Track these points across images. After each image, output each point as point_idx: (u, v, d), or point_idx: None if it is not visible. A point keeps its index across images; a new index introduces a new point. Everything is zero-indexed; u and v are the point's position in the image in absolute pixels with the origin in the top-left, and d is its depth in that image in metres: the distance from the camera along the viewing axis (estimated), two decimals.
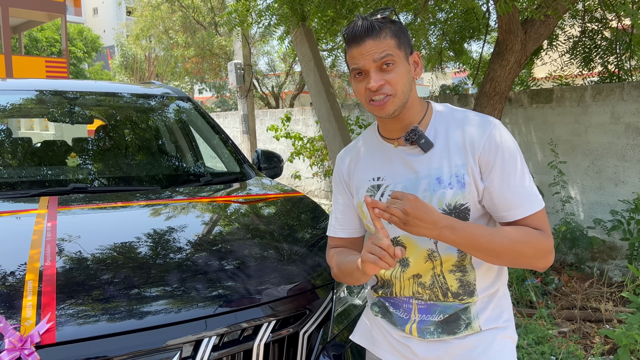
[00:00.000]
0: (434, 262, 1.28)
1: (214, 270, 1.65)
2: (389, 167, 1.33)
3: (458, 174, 1.24)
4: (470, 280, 1.28)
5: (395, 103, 1.24)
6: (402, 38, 1.26)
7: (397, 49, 1.23)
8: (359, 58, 1.23)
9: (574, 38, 5.83)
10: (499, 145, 1.23)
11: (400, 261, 1.32)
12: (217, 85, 17.68)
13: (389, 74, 1.22)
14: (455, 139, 1.27)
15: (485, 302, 1.31)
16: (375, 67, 1.22)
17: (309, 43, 5.55)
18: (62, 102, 2.93)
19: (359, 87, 1.26)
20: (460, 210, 1.25)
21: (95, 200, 2.17)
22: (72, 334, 1.29)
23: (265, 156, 3.13)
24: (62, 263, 1.55)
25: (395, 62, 1.23)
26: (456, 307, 1.29)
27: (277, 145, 9.82)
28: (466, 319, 1.29)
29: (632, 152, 4.62)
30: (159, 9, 14.93)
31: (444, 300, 1.29)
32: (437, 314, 1.29)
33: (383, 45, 1.22)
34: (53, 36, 26.83)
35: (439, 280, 1.29)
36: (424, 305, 1.31)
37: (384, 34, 1.22)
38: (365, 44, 1.22)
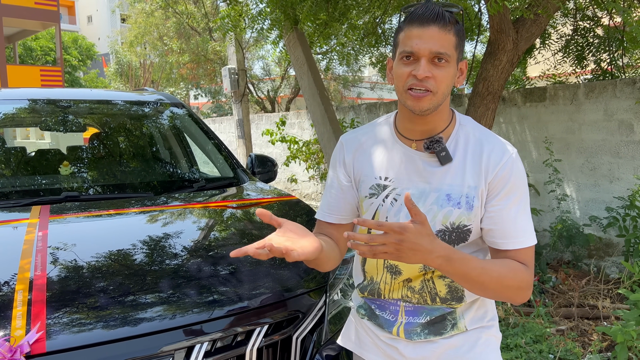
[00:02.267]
0: (426, 270, 1.26)
1: (206, 276, 1.64)
2: (400, 169, 1.27)
3: (469, 195, 1.22)
4: (459, 286, 1.27)
5: (432, 101, 1.17)
6: (461, 40, 1.20)
7: (454, 49, 1.18)
8: (416, 41, 1.15)
9: (567, 36, 5.86)
10: (511, 175, 1.21)
11: (390, 269, 1.29)
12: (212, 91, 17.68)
13: (438, 70, 1.16)
14: (472, 159, 1.24)
15: (470, 304, 1.31)
16: (428, 57, 1.15)
17: (302, 47, 5.56)
18: (55, 111, 2.93)
19: (403, 71, 1.18)
20: (462, 231, 1.23)
21: (88, 208, 2.17)
22: (63, 343, 1.29)
23: (259, 160, 3.13)
24: (53, 272, 1.54)
25: (448, 62, 1.17)
26: (443, 310, 1.28)
27: (273, 149, 9.82)
28: (452, 320, 1.29)
29: (626, 149, 4.63)
30: (153, 15, 14.93)
31: (432, 304, 1.28)
32: (424, 316, 1.28)
33: (445, 39, 1.15)
34: (47, 45, 26.84)
35: (428, 286, 1.27)
36: (411, 307, 1.29)
37: (449, 27, 1.16)
38: (429, 28, 1.14)
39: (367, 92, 19.03)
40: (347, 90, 17.14)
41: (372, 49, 6.70)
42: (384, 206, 1.27)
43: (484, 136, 1.27)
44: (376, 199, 1.29)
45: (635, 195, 4.20)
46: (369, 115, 7.51)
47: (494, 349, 1.34)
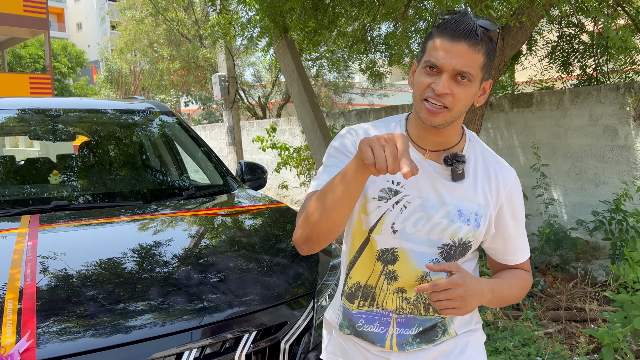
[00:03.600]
0: (423, 281, 1.25)
1: (195, 283, 1.66)
2: (414, 178, 1.23)
3: (478, 214, 1.24)
4: None
5: (446, 118, 1.15)
6: (490, 60, 1.17)
7: (479, 69, 1.14)
8: (442, 55, 1.11)
9: (552, 43, 5.94)
10: (518, 196, 1.29)
11: (387, 274, 1.26)
12: (203, 98, 17.68)
13: (459, 87, 1.13)
14: (482, 178, 1.26)
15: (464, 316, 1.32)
16: (451, 74, 1.12)
17: (292, 54, 5.59)
18: (45, 120, 2.94)
19: (423, 81, 1.15)
20: (465, 247, 1.26)
21: (78, 217, 2.18)
22: (53, 351, 1.30)
23: (249, 168, 3.16)
24: (43, 281, 1.55)
25: (471, 81, 1.13)
26: (435, 320, 1.29)
27: (263, 155, 9.84)
28: (442, 326, 1.30)
29: (611, 153, 4.70)
30: (143, 22, 14.92)
31: (425, 315, 1.28)
32: (416, 327, 1.28)
33: (473, 58, 1.11)
34: (37, 52, 26.70)
35: (422, 296, 1.27)
36: (402, 319, 1.28)
37: (480, 46, 1.12)
38: (459, 44, 1.10)
39: (358, 98, 19.11)
40: (338, 97, 17.21)
41: (361, 55, 6.75)
42: (393, 212, 1.23)
43: (489, 155, 1.31)
44: (385, 203, 1.24)
45: (620, 199, 4.26)
46: (359, 121, 7.56)
47: (482, 351, 1.39)
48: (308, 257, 2.02)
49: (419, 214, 1.23)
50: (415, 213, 1.23)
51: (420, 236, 1.23)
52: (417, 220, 1.23)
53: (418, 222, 1.23)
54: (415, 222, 1.23)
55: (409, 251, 1.24)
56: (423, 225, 1.23)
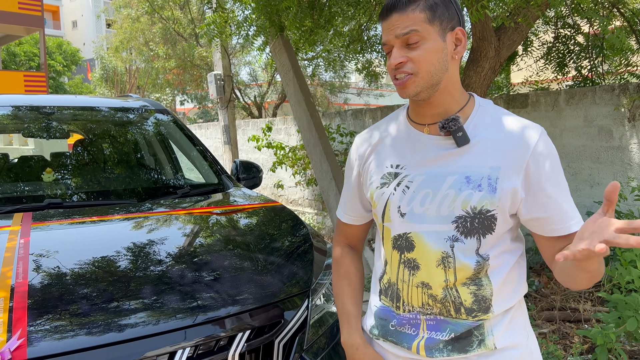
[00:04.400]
0: (446, 270, 1.14)
1: (189, 282, 1.65)
2: (413, 155, 1.19)
3: (491, 177, 1.11)
4: (486, 294, 1.15)
5: (417, 83, 1.11)
6: (439, 10, 1.11)
7: (427, 24, 1.10)
8: (384, 33, 1.13)
9: (548, 44, 5.96)
10: (549, 153, 1.12)
11: (405, 262, 1.19)
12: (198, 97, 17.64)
13: (413, 51, 1.10)
14: (496, 140, 1.13)
15: (500, 317, 1.17)
16: (399, 43, 1.11)
17: (288, 53, 5.59)
18: (39, 117, 2.92)
19: (388, 65, 1.15)
20: (486, 217, 1.12)
21: (71, 215, 2.16)
22: (44, 349, 1.29)
23: (244, 167, 3.15)
24: (35, 279, 1.54)
25: (423, 38, 1.10)
26: (469, 324, 1.15)
27: (259, 155, 9.83)
28: (479, 335, 1.15)
29: (606, 154, 4.72)
30: (138, 21, 14.88)
31: (456, 317, 1.16)
32: (448, 332, 1.16)
33: (409, 20, 1.09)
34: (31, 50, 26.59)
35: (451, 294, 1.15)
36: (433, 321, 1.17)
37: (412, 6, 1.10)
38: (391, 18, 1.11)
39: (354, 98, 19.12)
40: (334, 96, 17.21)
41: (357, 55, 6.75)
42: (395, 195, 1.19)
43: (508, 117, 1.17)
44: (387, 189, 1.21)
45: None
46: (354, 121, 7.56)
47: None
48: (303, 256, 2.02)
49: (424, 191, 1.16)
50: (420, 191, 1.16)
51: (430, 214, 1.15)
52: (423, 198, 1.15)
53: (425, 200, 1.15)
54: (422, 200, 1.15)
55: (423, 233, 1.16)
56: (430, 202, 1.14)
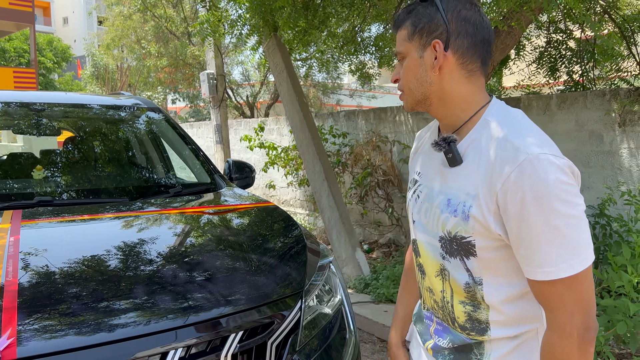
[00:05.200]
0: (444, 282, 1.15)
1: (181, 282, 1.64)
2: (429, 165, 1.21)
3: (465, 204, 1.05)
4: (481, 318, 1.10)
5: (409, 99, 1.14)
6: (420, 24, 1.09)
7: (407, 41, 1.11)
8: None
9: (540, 48, 6.00)
10: (523, 186, 0.95)
11: (418, 265, 1.25)
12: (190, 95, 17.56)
13: (402, 69, 1.14)
14: (482, 164, 1.04)
15: (503, 343, 1.09)
16: (398, 59, 1.16)
17: (281, 53, 5.57)
18: (29, 114, 2.88)
19: None
20: (462, 243, 1.07)
21: (61, 213, 2.14)
22: (34, 349, 1.27)
23: (237, 166, 3.13)
24: (25, 278, 1.52)
25: (405, 57, 1.13)
26: (465, 340, 1.14)
27: (251, 155, 9.80)
28: (478, 355, 1.11)
29: (596, 159, 4.76)
30: (130, 18, 14.78)
31: (453, 328, 1.16)
32: (448, 340, 1.17)
33: (399, 37, 1.14)
34: (22, 46, 26.33)
35: (447, 307, 1.16)
36: (440, 326, 1.20)
37: (404, 24, 1.12)
38: (395, 35, 1.16)
39: (347, 99, 19.14)
40: (327, 97, 17.21)
41: (351, 56, 6.75)
42: (411, 202, 1.23)
43: (504, 132, 1.03)
44: (410, 193, 1.25)
45: (604, 204, 4.31)
46: (347, 122, 7.56)
47: None
48: (296, 257, 2.01)
49: (426, 204, 1.17)
50: (424, 202, 1.18)
51: (429, 226, 1.16)
52: (426, 210, 1.17)
53: (427, 212, 1.17)
54: (425, 211, 1.17)
55: (424, 243, 1.19)
56: (428, 215, 1.16)
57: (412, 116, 6.61)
